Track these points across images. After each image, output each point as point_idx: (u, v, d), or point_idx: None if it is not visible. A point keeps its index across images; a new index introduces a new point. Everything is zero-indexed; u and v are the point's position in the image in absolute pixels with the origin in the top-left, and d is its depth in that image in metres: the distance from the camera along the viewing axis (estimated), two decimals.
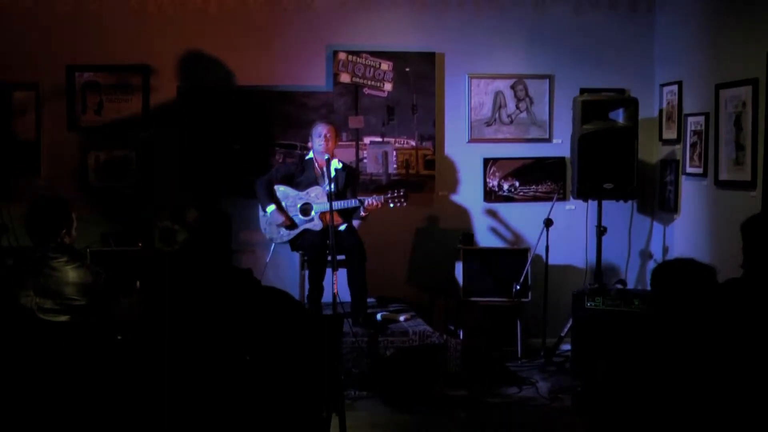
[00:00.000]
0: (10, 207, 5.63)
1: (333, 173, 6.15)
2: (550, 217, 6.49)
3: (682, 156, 6.69)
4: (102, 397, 3.37)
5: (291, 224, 6.19)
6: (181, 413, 2.95)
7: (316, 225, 6.13)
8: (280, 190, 6.25)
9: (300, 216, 6.20)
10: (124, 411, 3.08)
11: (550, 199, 6.79)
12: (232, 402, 2.96)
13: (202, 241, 3.13)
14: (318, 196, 6.15)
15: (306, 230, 6.17)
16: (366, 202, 6.03)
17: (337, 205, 6.03)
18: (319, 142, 6.15)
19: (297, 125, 6.76)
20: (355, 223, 6.47)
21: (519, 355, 6.64)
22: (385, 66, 6.86)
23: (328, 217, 5.86)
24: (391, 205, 6.07)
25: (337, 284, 5.71)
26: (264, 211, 6.25)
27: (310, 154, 6.32)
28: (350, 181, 6.32)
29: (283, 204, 6.23)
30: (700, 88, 6.43)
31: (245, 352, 3.03)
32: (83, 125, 6.65)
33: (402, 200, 6.07)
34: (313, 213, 6.15)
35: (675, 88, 6.76)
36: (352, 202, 6.11)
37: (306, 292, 6.20)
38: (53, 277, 3.94)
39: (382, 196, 6.07)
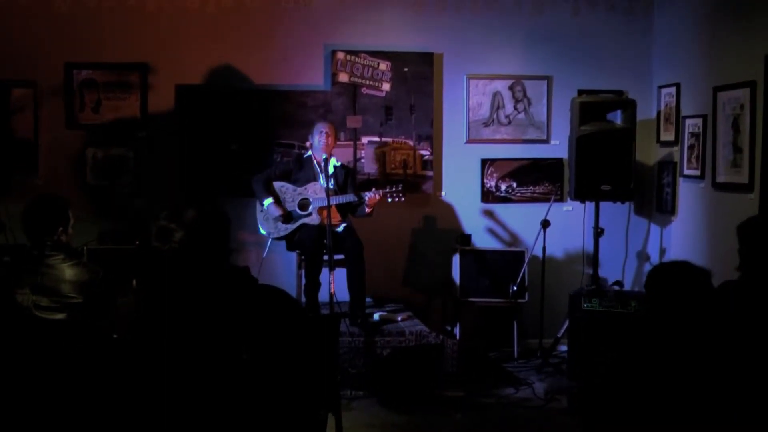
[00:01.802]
0: (7, 205, 5.62)
1: (332, 170, 6.21)
2: (547, 218, 6.50)
3: (679, 158, 6.69)
4: (98, 395, 3.36)
5: (287, 218, 6.21)
6: (178, 412, 2.94)
7: (314, 220, 6.15)
8: (279, 185, 6.27)
9: (298, 210, 6.21)
10: (121, 410, 3.08)
11: (547, 200, 6.79)
12: (229, 401, 2.96)
13: (200, 240, 3.13)
14: (316, 192, 6.17)
15: (303, 225, 6.19)
16: (366, 197, 6.05)
17: (337, 200, 6.06)
18: (319, 139, 6.19)
19: (295, 125, 6.76)
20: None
21: (515, 356, 6.64)
22: (384, 66, 6.86)
23: (326, 213, 5.88)
24: (389, 200, 6.11)
25: (334, 284, 5.72)
26: (261, 205, 6.27)
27: (309, 152, 6.34)
28: (349, 178, 6.37)
29: (282, 198, 6.25)
30: (697, 91, 6.44)
31: (242, 351, 3.03)
32: (81, 123, 6.64)
33: (400, 195, 6.11)
34: (311, 208, 6.17)
35: (673, 90, 6.77)
36: (350, 197, 6.13)
37: (303, 289, 6.19)
38: (50, 274, 3.94)
39: (381, 191, 6.10)
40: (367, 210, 6.15)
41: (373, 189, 6.16)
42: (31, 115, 6.57)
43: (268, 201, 6.22)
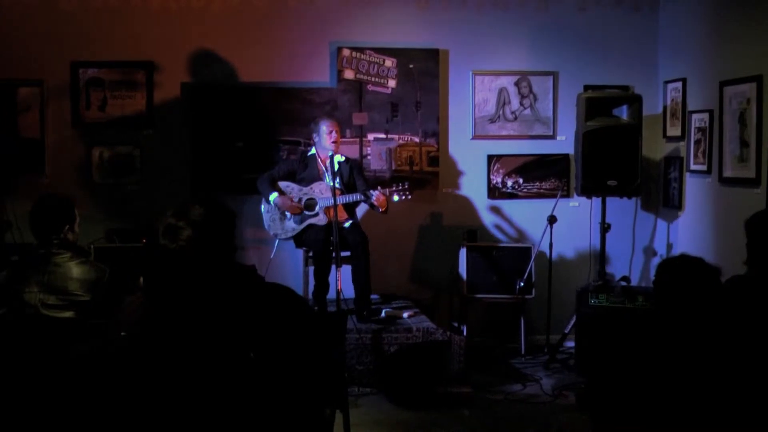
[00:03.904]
0: (14, 203, 5.64)
1: (337, 167, 6.18)
2: (554, 213, 6.49)
3: (686, 153, 6.68)
4: (106, 393, 3.37)
5: (297, 209, 6.18)
6: (185, 410, 2.95)
7: (321, 220, 6.14)
8: (284, 185, 6.26)
9: (305, 211, 6.20)
10: (128, 407, 3.08)
11: (554, 196, 6.78)
12: (236, 398, 2.97)
13: (207, 237, 3.13)
14: (322, 191, 6.15)
15: (310, 225, 6.18)
16: (373, 196, 6.01)
17: (343, 199, 6.05)
18: (331, 139, 6.15)
19: (301, 122, 6.75)
20: (359, 213, 6.48)
21: (523, 352, 6.64)
22: (389, 63, 6.86)
23: (332, 212, 5.87)
24: (396, 198, 6.07)
25: (341, 281, 5.72)
26: (267, 201, 6.25)
27: (312, 150, 6.32)
28: (355, 171, 6.34)
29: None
30: (704, 85, 6.42)
31: (249, 348, 3.03)
32: (87, 122, 6.65)
33: (407, 193, 6.08)
34: (317, 208, 6.16)
35: (679, 85, 6.75)
36: (356, 197, 6.12)
37: (311, 288, 6.19)
38: (57, 273, 3.95)
39: (387, 189, 6.07)
40: (381, 210, 6.10)
41: (379, 187, 6.12)
42: (37, 114, 6.58)
43: (274, 195, 6.19)
